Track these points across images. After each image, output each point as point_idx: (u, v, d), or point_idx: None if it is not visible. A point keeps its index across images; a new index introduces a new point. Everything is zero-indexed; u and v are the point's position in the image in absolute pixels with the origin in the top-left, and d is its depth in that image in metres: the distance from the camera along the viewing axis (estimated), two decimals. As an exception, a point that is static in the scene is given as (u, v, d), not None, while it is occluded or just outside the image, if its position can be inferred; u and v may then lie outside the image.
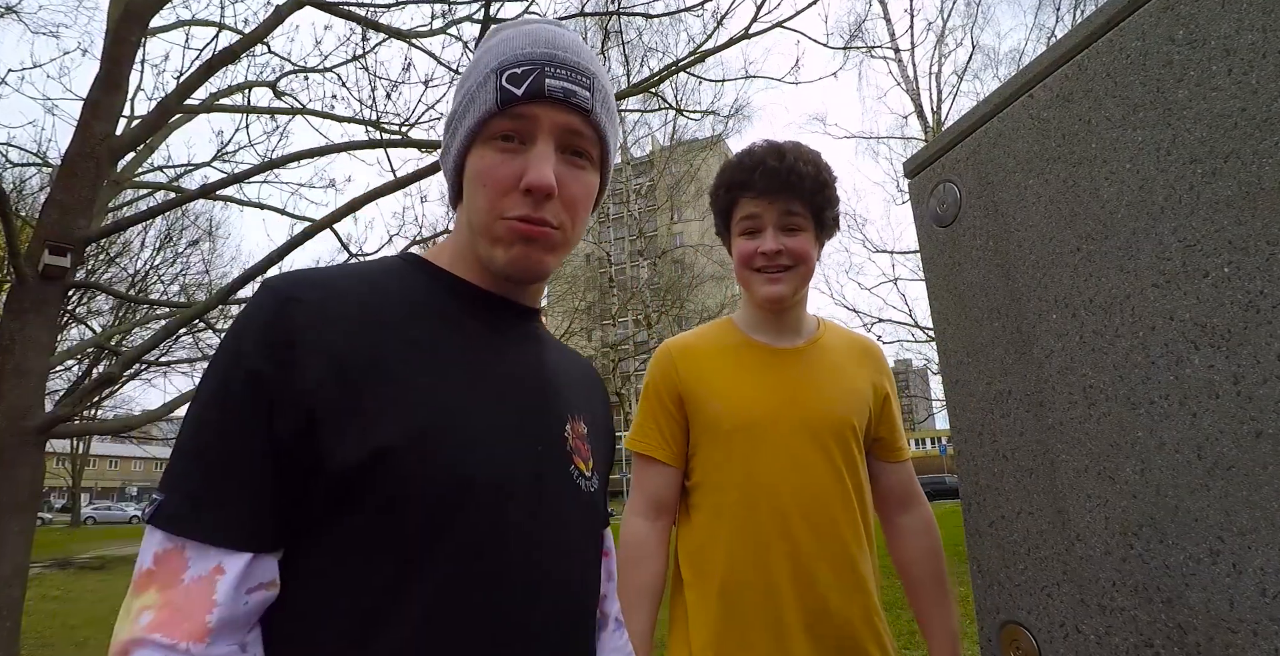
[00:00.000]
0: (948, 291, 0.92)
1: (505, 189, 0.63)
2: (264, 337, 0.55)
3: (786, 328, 1.23)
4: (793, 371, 1.19)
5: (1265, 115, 0.53)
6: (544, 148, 0.63)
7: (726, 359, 1.21)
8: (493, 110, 0.62)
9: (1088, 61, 0.68)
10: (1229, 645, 0.54)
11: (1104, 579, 0.66)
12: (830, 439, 1.13)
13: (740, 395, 1.16)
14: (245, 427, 0.53)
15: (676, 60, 5.50)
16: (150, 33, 4.57)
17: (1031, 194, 0.74)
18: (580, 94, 0.64)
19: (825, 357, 1.22)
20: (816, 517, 1.10)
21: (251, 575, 0.51)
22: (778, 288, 1.15)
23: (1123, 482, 0.64)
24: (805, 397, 1.16)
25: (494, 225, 0.63)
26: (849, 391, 1.19)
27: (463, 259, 0.69)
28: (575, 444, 0.70)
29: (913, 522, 1.23)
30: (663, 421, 1.19)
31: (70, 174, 2.92)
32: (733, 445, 1.13)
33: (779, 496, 1.10)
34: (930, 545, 1.21)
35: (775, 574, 1.08)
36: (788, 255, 1.14)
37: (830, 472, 1.12)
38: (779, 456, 1.12)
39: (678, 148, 16.87)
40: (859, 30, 13.69)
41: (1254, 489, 0.53)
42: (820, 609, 1.07)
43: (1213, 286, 0.56)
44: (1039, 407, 0.77)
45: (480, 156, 0.64)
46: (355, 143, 3.92)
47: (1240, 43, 0.55)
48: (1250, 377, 0.53)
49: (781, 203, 1.14)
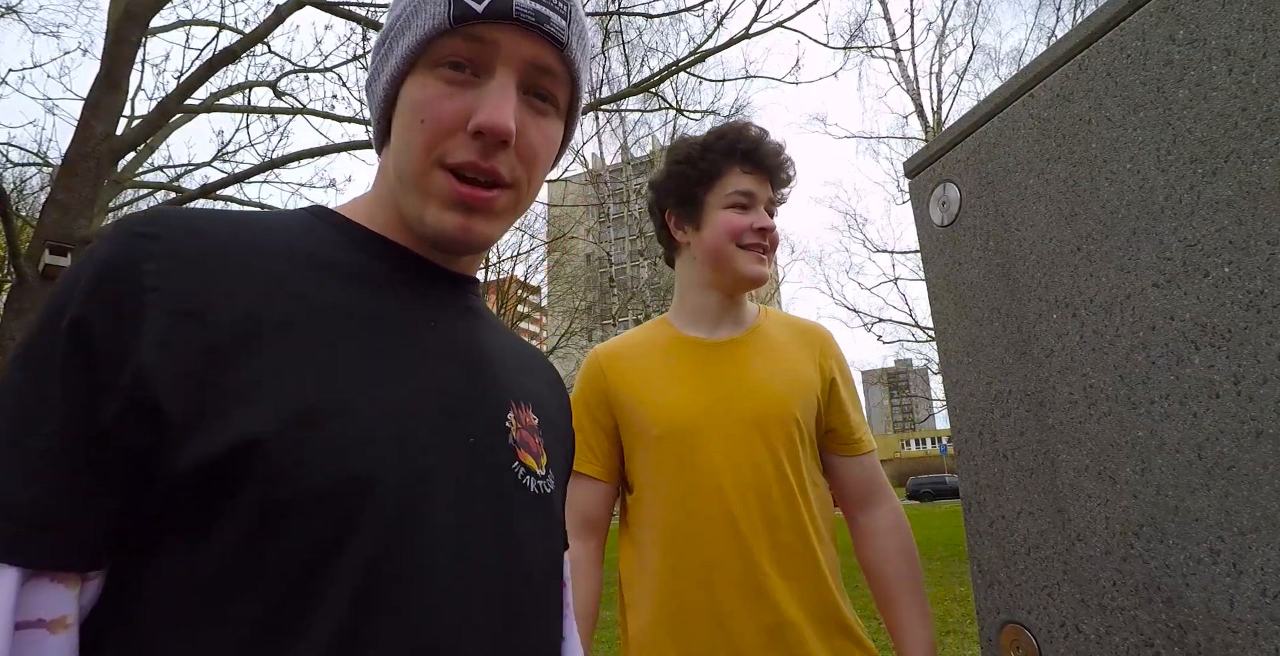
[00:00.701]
0: (948, 291, 0.92)
1: (448, 128, 0.50)
2: (98, 279, 0.41)
3: (730, 318, 1.15)
4: (726, 365, 1.10)
5: (1265, 115, 0.53)
6: (504, 81, 0.50)
7: (655, 360, 1.13)
8: (443, 26, 0.49)
9: (1088, 61, 0.68)
10: (1229, 645, 0.54)
11: (1104, 578, 0.66)
12: (770, 434, 1.04)
13: (668, 398, 1.07)
14: (50, 392, 0.39)
15: (677, 60, 5.50)
16: (150, 33, 4.58)
17: (1032, 194, 0.74)
18: (555, 21, 0.51)
19: (762, 346, 1.13)
20: (762, 522, 1.01)
21: (27, 604, 0.36)
22: (765, 268, 1.10)
23: (1123, 482, 0.64)
24: (740, 392, 1.07)
25: (429, 174, 0.50)
26: (789, 380, 1.09)
27: (383, 213, 0.55)
28: (521, 436, 0.56)
29: (877, 521, 1.11)
30: (590, 434, 1.12)
31: (71, 174, 2.93)
32: (664, 452, 1.05)
33: (718, 503, 1.01)
34: (898, 545, 1.08)
35: (722, 592, 0.99)
36: (771, 238, 1.11)
37: (773, 470, 1.03)
38: (714, 459, 1.03)
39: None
40: (859, 30, 13.71)
41: (1254, 489, 0.53)
42: (777, 623, 0.98)
43: (1213, 286, 0.56)
44: (1039, 407, 0.77)
45: (420, 85, 0.51)
46: (356, 142, 3.93)
47: (1240, 42, 0.55)
48: (1251, 377, 0.53)
49: (773, 186, 1.12)
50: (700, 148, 1.12)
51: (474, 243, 0.52)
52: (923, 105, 13.08)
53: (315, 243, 0.51)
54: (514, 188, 0.53)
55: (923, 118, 13.02)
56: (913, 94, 13.11)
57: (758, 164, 1.09)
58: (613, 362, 1.14)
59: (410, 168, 0.51)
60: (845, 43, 12.81)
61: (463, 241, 0.52)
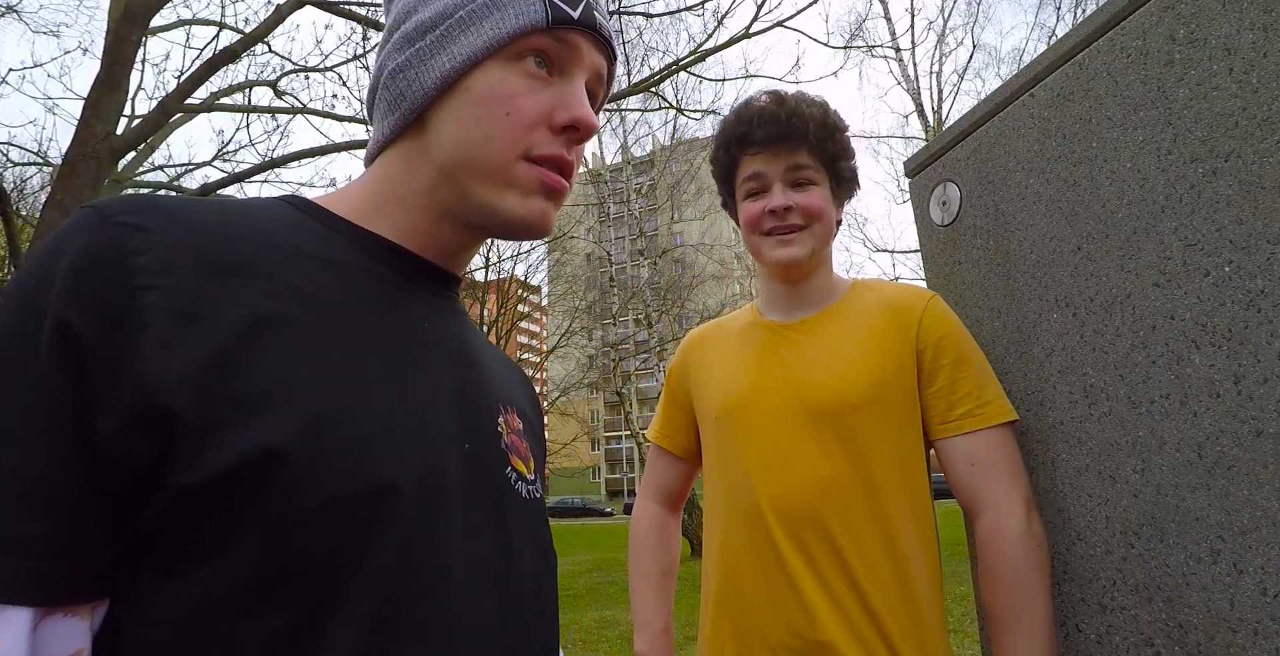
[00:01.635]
0: (948, 290, 0.92)
1: (533, 122, 0.51)
2: (81, 275, 0.37)
3: (802, 299, 1.04)
4: (786, 348, 1.02)
5: (1266, 114, 0.53)
6: (579, 84, 0.53)
7: (732, 344, 1.10)
8: (539, 25, 0.51)
9: (1088, 61, 0.68)
10: (1229, 644, 0.54)
11: (1105, 578, 0.66)
12: (823, 423, 0.94)
13: (729, 381, 1.04)
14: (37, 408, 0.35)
15: (677, 59, 5.50)
16: (151, 32, 4.58)
17: (1032, 193, 0.74)
18: (614, 39, 0.55)
19: (833, 327, 1.02)
20: (799, 518, 0.91)
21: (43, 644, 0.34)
22: (791, 250, 0.98)
23: (1123, 482, 0.64)
24: (790, 376, 0.99)
25: (514, 166, 0.51)
26: (849, 363, 0.97)
27: (380, 211, 0.53)
28: (511, 440, 0.56)
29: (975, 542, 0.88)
30: (674, 413, 1.14)
31: (71, 173, 2.93)
32: (720, 435, 1.02)
33: (748, 493, 0.95)
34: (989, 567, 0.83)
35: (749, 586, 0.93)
36: (799, 213, 0.98)
37: (827, 464, 0.92)
38: (757, 447, 0.97)
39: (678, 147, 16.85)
40: (859, 29, 13.73)
41: (1255, 488, 0.53)
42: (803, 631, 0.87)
43: (1213, 285, 0.56)
44: (1039, 407, 0.77)
45: (500, 78, 0.51)
46: (356, 142, 3.93)
47: (1241, 42, 0.55)
48: (1251, 377, 0.53)
49: (786, 155, 0.99)
50: (715, 146, 1.09)
51: (549, 228, 0.54)
52: (923, 105, 13.08)
53: (302, 235, 0.49)
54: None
55: (923, 117, 13.02)
56: (913, 93, 13.11)
57: (759, 143, 1.00)
58: (696, 343, 1.16)
59: (493, 158, 0.51)
60: (845, 42, 12.81)
61: (543, 228, 0.53)
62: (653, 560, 1.09)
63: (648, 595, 1.08)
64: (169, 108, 3.39)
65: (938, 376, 0.92)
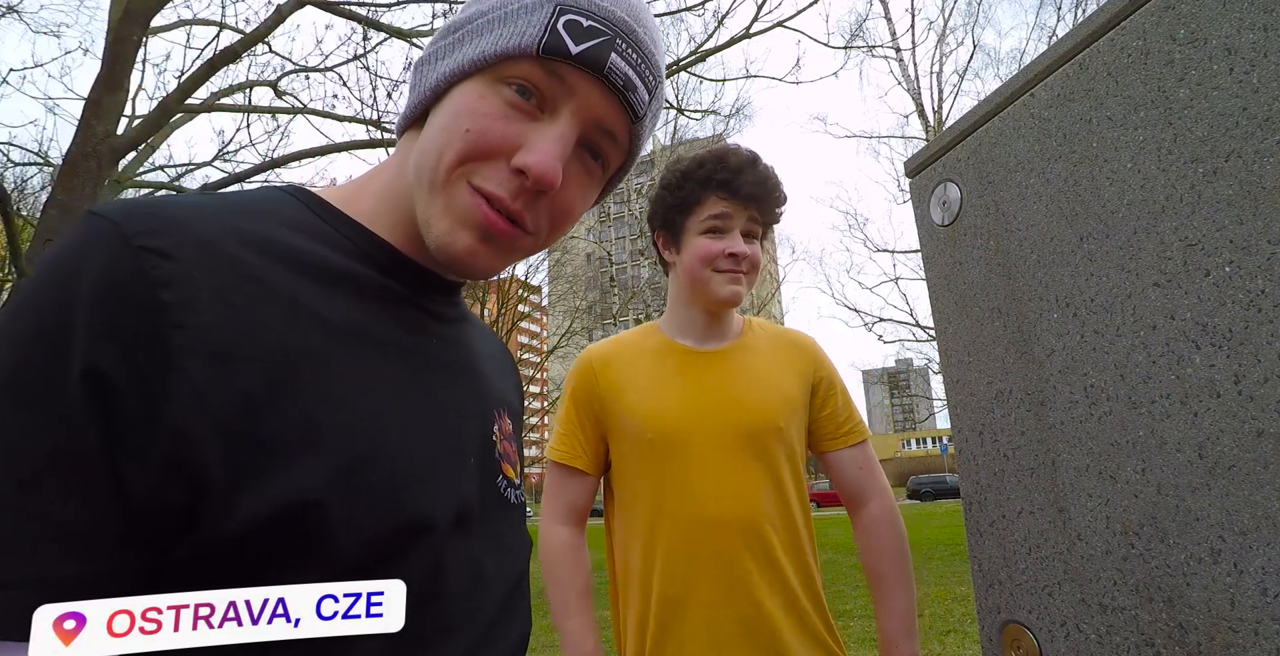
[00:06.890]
0: (949, 291, 0.92)
1: (491, 151, 0.46)
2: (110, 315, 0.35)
3: (716, 330, 1.22)
4: (714, 375, 1.17)
5: (1266, 114, 0.53)
6: (566, 129, 0.47)
7: (646, 365, 1.20)
8: (529, 50, 0.46)
9: (1089, 61, 0.68)
10: (1230, 644, 0.54)
11: (1105, 578, 0.66)
12: (754, 443, 1.12)
13: (660, 404, 1.15)
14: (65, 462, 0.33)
15: (677, 59, 5.50)
16: (151, 32, 4.58)
17: (1032, 193, 0.74)
18: (640, 93, 0.49)
19: (748, 358, 1.20)
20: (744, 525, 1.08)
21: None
22: (739, 288, 1.16)
23: (1124, 482, 0.64)
24: (726, 401, 1.14)
25: (454, 186, 0.47)
26: (772, 391, 1.16)
27: (391, 211, 0.51)
28: (504, 447, 0.56)
29: (864, 520, 1.18)
30: (585, 431, 1.19)
31: (71, 173, 2.93)
32: (656, 456, 1.12)
33: (705, 506, 1.09)
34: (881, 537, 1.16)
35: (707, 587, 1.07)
36: (748, 262, 1.17)
37: (759, 478, 1.11)
38: (702, 464, 1.10)
39: (678, 147, 16.85)
40: (860, 29, 13.71)
41: (1255, 488, 0.53)
42: (754, 615, 1.06)
43: (1214, 285, 0.56)
44: (1040, 407, 0.77)
45: (479, 94, 0.47)
46: (356, 142, 3.93)
47: (1241, 42, 0.55)
48: (1251, 377, 0.53)
49: (753, 209, 1.16)
50: (680, 176, 1.20)
51: (476, 270, 0.49)
52: (923, 105, 13.08)
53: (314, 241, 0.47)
54: (534, 236, 0.50)
55: (923, 117, 13.02)
56: (913, 93, 13.11)
57: (735, 193, 1.15)
58: (604, 367, 1.21)
59: (434, 172, 0.47)
60: (846, 42, 12.80)
61: (466, 265, 0.49)
62: (572, 582, 1.14)
63: (573, 616, 1.13)
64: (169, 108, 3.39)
65: (829, 402, 1.21)
